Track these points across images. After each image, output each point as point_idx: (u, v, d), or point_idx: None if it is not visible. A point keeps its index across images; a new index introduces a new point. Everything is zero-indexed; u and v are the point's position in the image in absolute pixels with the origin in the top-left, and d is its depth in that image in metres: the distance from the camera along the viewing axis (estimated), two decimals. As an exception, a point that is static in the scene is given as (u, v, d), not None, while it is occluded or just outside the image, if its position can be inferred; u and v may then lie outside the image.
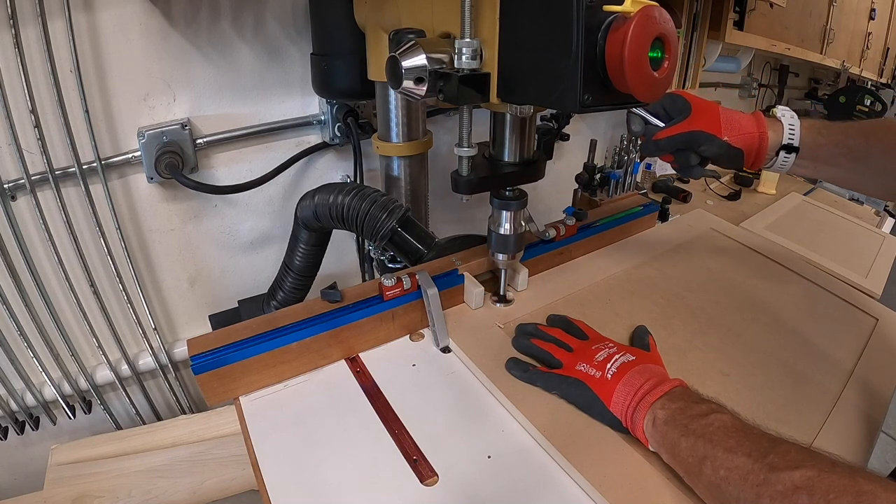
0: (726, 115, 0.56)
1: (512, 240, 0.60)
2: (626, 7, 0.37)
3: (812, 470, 0.33)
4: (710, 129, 0.55)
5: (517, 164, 0.57)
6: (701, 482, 0.40)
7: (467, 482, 0.45)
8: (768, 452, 0.36)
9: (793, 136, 0.55)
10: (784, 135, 0.55)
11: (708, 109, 0.57)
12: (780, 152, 0.55)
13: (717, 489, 0.38)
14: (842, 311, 0.72)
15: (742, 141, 0.55)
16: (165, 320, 0.97)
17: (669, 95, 0.58)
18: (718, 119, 0.55)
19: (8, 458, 0.92)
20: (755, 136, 0.55)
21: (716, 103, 0.58)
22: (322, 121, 0.95)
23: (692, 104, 0.57)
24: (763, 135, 0.55)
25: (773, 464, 0.35)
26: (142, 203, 0.86)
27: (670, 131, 0.56)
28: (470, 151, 0.51)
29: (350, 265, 1.10)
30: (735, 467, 0.36)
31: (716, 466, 0.38)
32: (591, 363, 0.50)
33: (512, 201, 0.58)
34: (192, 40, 0.80)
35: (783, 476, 0.34)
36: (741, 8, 1.36)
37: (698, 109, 0.56)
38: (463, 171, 0.53)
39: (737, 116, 0.56)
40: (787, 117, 0.56)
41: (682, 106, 0.57)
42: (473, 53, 0.45)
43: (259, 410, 0.52)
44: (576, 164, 1.05)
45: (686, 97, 0.57)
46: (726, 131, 0.55)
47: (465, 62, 0.45)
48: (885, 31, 2.30)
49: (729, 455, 0.37)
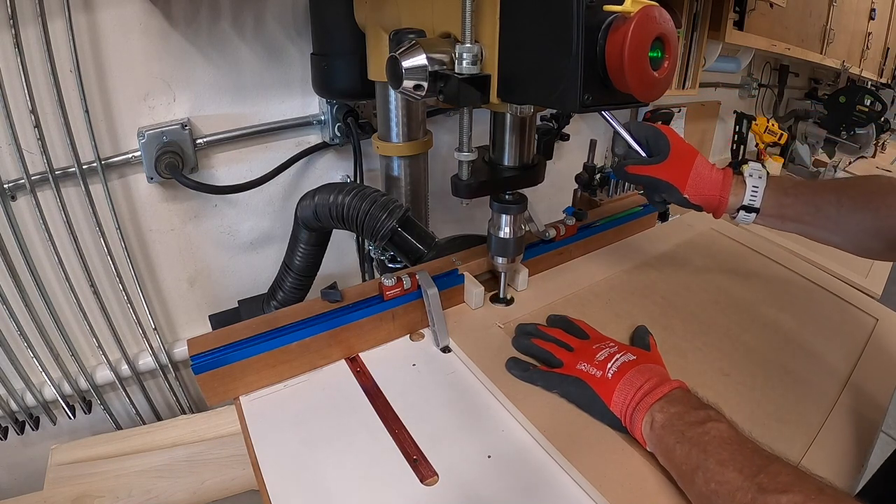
0: (697, 170, 0.58)
1: (511, 243, 0.60)
2: (627, 7, 0.37)
3: (799, 496, 0.33)
4: (676, 181, 0.58)
5: (517, 168, 0.57)
6: (693, 490, 0.40)
7: (467, 482, 0.45)
8: (759, 471, 0.36)
9: (754, 198, 0.57)
10: (745, 196, 0.58)
11: (682, 160, 0.58)
12: (740, 210, 0.58)
13: (707, 500, 0.38)
14: (841, 311, 0.72)
15: (702, 199, 0.58)
16: (165, 320, 0.97)
17: (655, 132, 0.60)
18: (688, 173, 0.58)
19: (8, 458, 0.91)
20: (715, 197, 0.58)
21: (694, 153, 0.59)
22: (322, 121, 0.95)
23: (671, 150, 0.58)
24: (723, 198, 0.58)
25: (763, 485, 0.35)
26: (142, 203, 0.86)
27: (640, 170, 0.59)
28: (470, 156, 0.52)
29: (350, 265, 1.10)
30: (725, 482, 0.37)
31: (707, 478, 0.38)
32: (591, 362, 0.50)
33: (512, 205, 0.58)
34: (192, 40, 0.80)
35: (770, 499, 0.34)
36: (741, 8, 1.36)
37: (674, 157, 0.58)
38: (463, 175, 0.54)
39: (705, 173, 0.58)
40: (752, 178, 0.58)
41: (662, 148, 0.59)
42: (474, 59, 0.45)
43: (259, 410, 0.52)
44: (576, 164, 1.05)
45: (671, 139, 0.59)
46: (690, 188, 0.58)
47: (465, 67, 0.45)
48: (885, 31, 2.30)
49: (721, 468, 0.38)
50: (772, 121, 1.68)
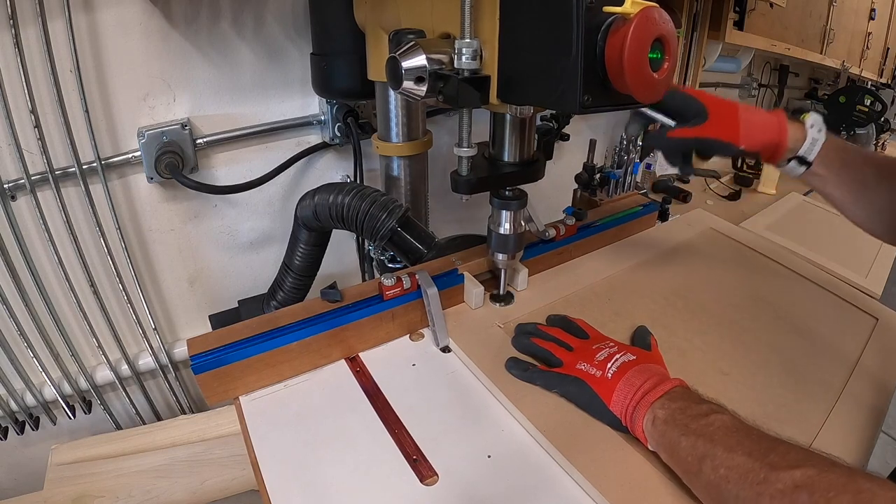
0: (745, 117, 0.54)
1: (512, 240, 0.60)
2: (626, 8, 0.37)
3: (812, 469, 0.33)
4: (728, 135, 0.53)
5: (517, 164, 0.57)
6: (700, 481, 0.40)
7: (467, 482, 0.45)
8: (768, 452, 0.36)
9: (811, 150, 0.54)
10: (803, 147, 0.54)
11: (726, 113, 0.54)
12: (791, 161, 0.55)
13: (715, 488, 0.38)
14: (842, 311, 0.72)
15: (760, 145, 0.54)
16: (165, 320, 0.97)
17: (683, 97, 0.56)
18: (737, 124, 0.54)
19: (8, 458, 0.92)
20: (773, 141, 0.54)
21: (734, 104, 0.55)
22: (322, 121, 0.95)
23: (709, 108, 0.54)
24: (782, 142, 0.54)
25: (774, 463, 0.35)
26: (142, 203, 0.86)
27: (685, 132, 0.55)
28: (469, 151, 0.51)
29: (350, 265, 1.10)
30: (735, 466, 0.37)
31: (715, 465, 0.38)
32: (591, 362, 0.50)
33: (512, 201, 0.58)
34: (192, 40, 0.80)
35: (783, 475, 0.34)
36: (741, 8, 1.36)
37: (716, 113, 0.54)
38: (462, 171, 0.53)
39: (756, 119, 0.54)
40: (813, 130, 0.54)
41: (697, 109, 0.55)
42: (473, 54, 0.45)
43: (259, 410, 0.52)
44: (576, 164, 1.05)
45: (701, 99, 0.55)
46: (744, 138, 0.53)
47: (465, 63, 0.45)
48: (885, 31, 2.31)
49: (729, 454, 0.37)
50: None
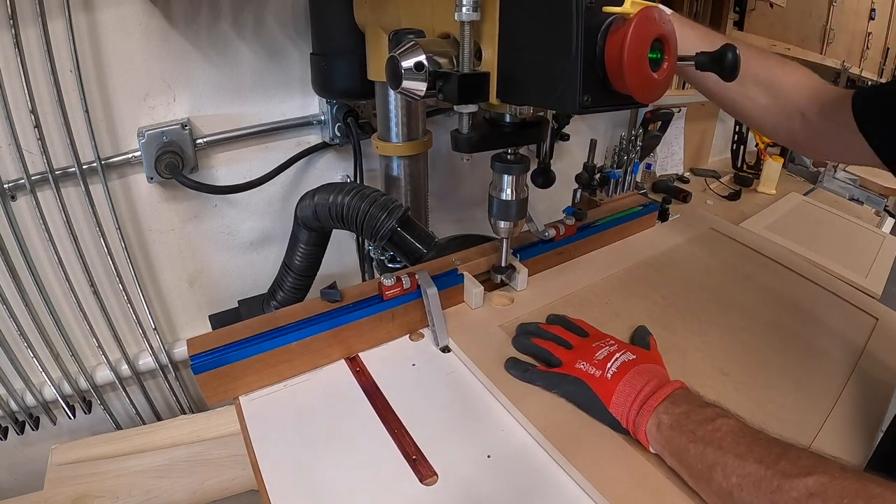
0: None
1: (514, 206, 0.58)
2: (626, 8, 0.37)
3: (824, 476, 0.33)
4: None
5: (519, 124, 0.54)
6: (710, 488, 0.40)
7: (467, 482, 0.45)
8: (779, 459, 0.36)
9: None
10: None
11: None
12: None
13: (728, 496, 0.38)
14: (842, 311, 0.72)
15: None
16: (165, 320, 0.97)
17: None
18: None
19: (8, 458, 0.92)
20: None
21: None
22: (322, 121, 0.95)
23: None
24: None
25: (786, 470, 0.35)
26: (142, 203, 0.86)
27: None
28: (471, 107, 0.49)
29: (350, 265, 1.10)
30: (747, 474, 0.37)
31: (727, 473, 0.38)
32: (591, 361, 0.50)
33: (514, 164, 0.56)
34: (192, 40, 0.80)
35: (797, 483, 0.34)
36: (741, 8, 1.37)
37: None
38: (463, 128, 0.51)
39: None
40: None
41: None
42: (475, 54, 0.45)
43: (259, 410, 0.52)
44: (576, 164, 1.05)
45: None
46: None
47: (465, 62, 0.45)
48: (885, 31, 2.31)
49: (740, 462, 0.38)
50: (772, 121, 1.67)
